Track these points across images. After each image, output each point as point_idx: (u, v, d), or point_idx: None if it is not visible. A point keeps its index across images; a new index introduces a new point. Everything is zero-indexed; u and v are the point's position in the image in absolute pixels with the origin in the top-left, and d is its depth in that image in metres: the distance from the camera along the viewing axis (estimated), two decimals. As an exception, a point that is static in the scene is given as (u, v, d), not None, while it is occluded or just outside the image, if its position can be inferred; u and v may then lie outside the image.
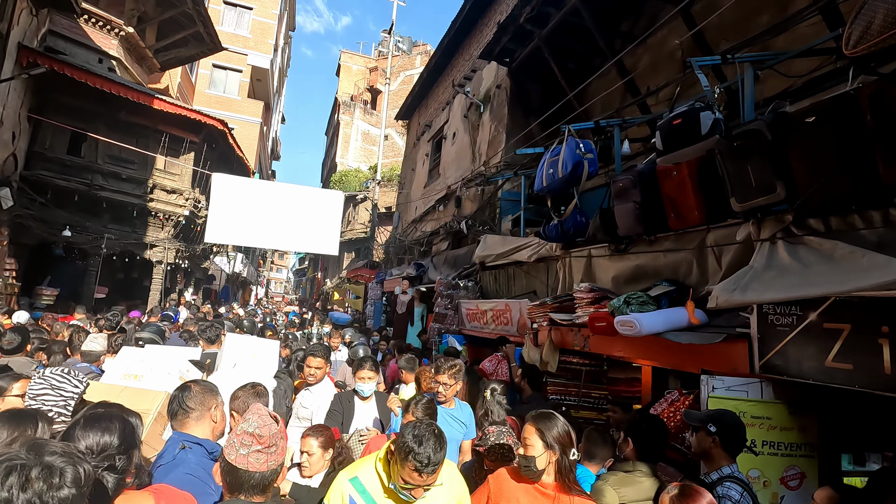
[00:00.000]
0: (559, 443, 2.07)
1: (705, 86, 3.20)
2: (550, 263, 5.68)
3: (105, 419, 1.59)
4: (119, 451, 1.52)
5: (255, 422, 1.63)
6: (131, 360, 2.91)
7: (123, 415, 1.75)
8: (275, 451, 1.61)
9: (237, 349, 3.69)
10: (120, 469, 1.51)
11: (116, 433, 1.56)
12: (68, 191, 10.33)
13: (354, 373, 3.65)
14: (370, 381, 3.66)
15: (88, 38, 11.81)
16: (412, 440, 1.83)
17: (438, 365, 3.27)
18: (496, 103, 8.52)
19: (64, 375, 2.23)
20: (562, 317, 4.46)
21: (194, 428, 2.06)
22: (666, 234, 3.90)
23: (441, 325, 7.36)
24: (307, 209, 7.84)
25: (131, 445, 1.59)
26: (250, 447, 1.57)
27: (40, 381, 2.18)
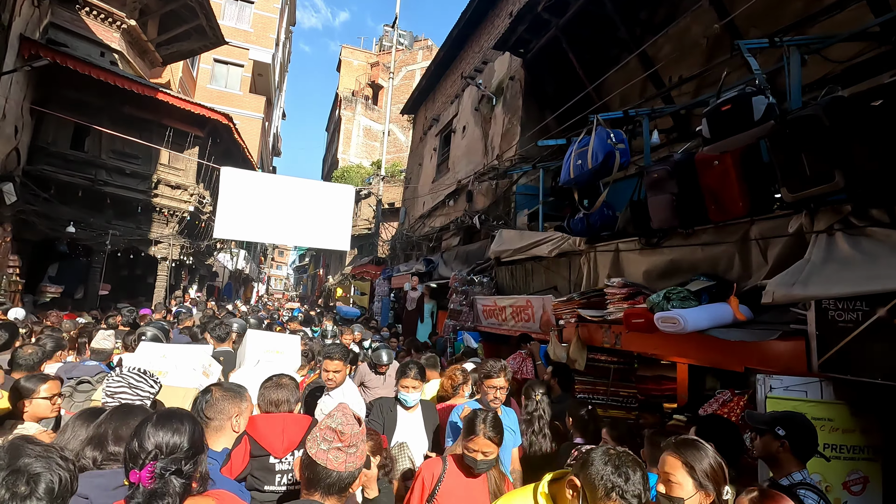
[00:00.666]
0: (713, 480, 1.68)
1: (756, 69, 3.05)
2: (573, 258, 5.52)
3: (176, 419, 1.50)
4: (187, 455, 1.42)
5: (339, 418, 1.56)
6: (153, 356, 2.78)
7: (194, 416, 1.65)
8: (354, 452, 1.53)
9: (260, 346, 3.56)
10: (186, 474, 1.40)
11: (186, 435, 1.47)
12: (72, 186, 10.15)
13: (398, 380, 3.33)
14: (415, 390, 3.28)
15: (90, 30, 11.61)
16: (614, 474, 1.44)
17: (489, 368, 3.00)
18: (509, 95, 8.34)
19: (141, 375, 2.17)
20: (591, 313, 4.31)
21: (212, 440, 1.90)
22: (704, 227, 3.75)
23: (456, 321, 7.21)
24: (318, 204, 7.67)
25: (199, 450, 1.49)
26: (331, 443, 1.49)
27: (118, 380, 2.13)
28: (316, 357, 5.20)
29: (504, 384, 2.97)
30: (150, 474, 1.32)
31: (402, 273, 11.65)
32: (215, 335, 4.18)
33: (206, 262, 15.83)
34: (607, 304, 4.15)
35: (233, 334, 4.41)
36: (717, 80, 5.69)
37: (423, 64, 31.67)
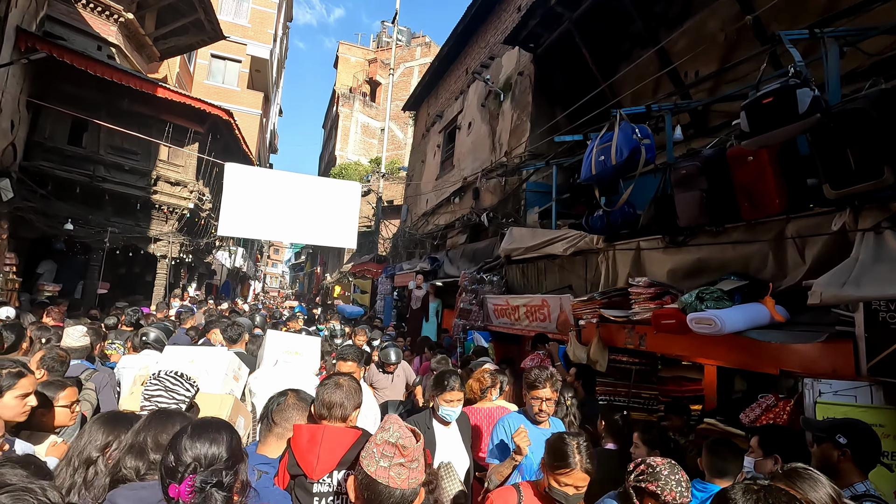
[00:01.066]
0: None
1: (798, 60, 2.93)
2: (590, 257, 5.41)
3: (213, 428, 1.41)
4: (227, 466, 1.33)
5: (396, 431, 1.45)
6: (181, 360, 2.62)
7: (231, 424, 1.54)
8: (417, 467, 1.42)
9: (279, 346, 3.42)
10: (227, 486, 1.31)
11: (224, 444, 1.38)
12: (70, 182, 9.94)
13: (435, 390, 2.98)
14: (458, 404, 2.94)
15: (87, 24, 11.37)
16: None
17: (535, 376, 2.72)
18: (518, 91, 8.22)
19: (177, 378, 2.09)
20: (615, 313, 4.20)
21: (272, 446, 1.79)
22: (735, 225, 3.64)
23: (466, 321, 7.09)
24: (323, 201, 7.51)
25: (238, 459, 1.39)
26: (392, 459, 1.38)
27: (155, 384, 2.04)
28: (325, 358, 5.07)
29: (551, 395, 2.71)
30: (191, 489, 1.23)
31: (406, 271, 11.52)
32: (227, 336, 4.03)
33: (206, 260, 15.63)
34: (632, 304, 4.03)
35: (245, 335, 4.26)
36: (736, 77, 5.61)
37: (421, 61, 31.46)
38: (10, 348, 3.45)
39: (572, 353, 4.67)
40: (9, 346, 3.45)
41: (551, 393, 2.71)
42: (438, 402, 2.93)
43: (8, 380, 2.07)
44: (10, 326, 3.60)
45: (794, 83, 2.80)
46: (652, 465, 1.88)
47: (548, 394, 2.70)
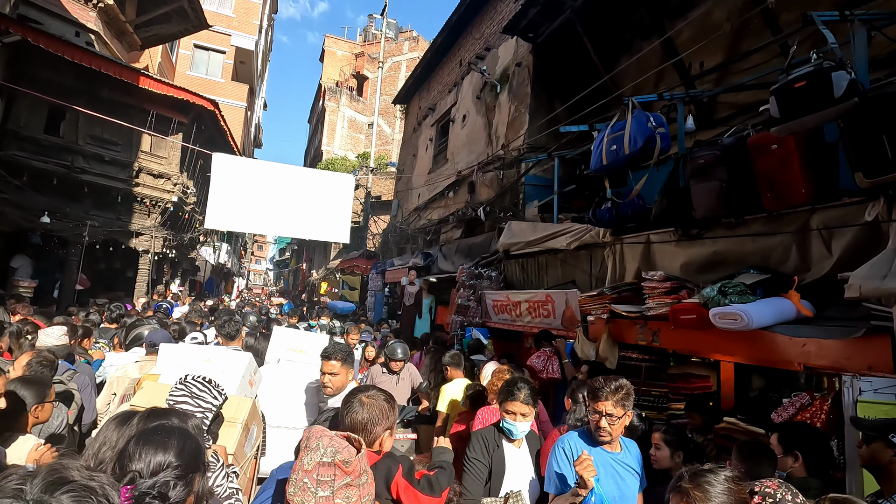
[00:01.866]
0: None
1: (832, 42, 2.80)
2: (595, 251, 5.26)
3: (164, 433, 1.28)
4: (176, 476, 1.19)
5: (328, 446, 1.24)
6: (196, 360, 2.43)
7: (186, 427, 1.40)
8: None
9: (283, 343, 3.22)
10: (174, 499, 1.17)
11: (174, 451, 1.23)
12: (46, 173, 9.49)
13: (502, 402, 2.64)
14: (526, 419, 2.58)
15: (64, 8, 10.88)
16: None
17: (597, 387, 2.30)
18: (516, 83, 8.04)
19: (205, 384, 1.95)
20: (627, 308, 4.05)
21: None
22: (755, 217, 3.51)
23: (463, 317, 6.90)
24: (316, 193, 7.24)
25: (193, 468, 1.24)
26: (333, 483, 1.17)
27: (181, 388, 1.91)
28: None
29: (613, 410, 2.25)
30: (128, 501, 1.08)
31: (398, 267, 11.30)
32: (224, 332, 3.79)
33: (189, 255, 15.19)
34: (645, 299, 3.89)
35: (243, 332, 4.02)
36: (742, 68, 5.51)
37: (409, 55, 31.16)
38: None
39: (580, 350, 4.52)
40: None
41: (613, 407, 2.24)
42: (503, 414, 2.59)
43: None
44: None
45: (829, 66, 2.66)
46: (768, 492, 1.57)
47: (609, 408, 2.24)
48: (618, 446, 2.37)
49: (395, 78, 30.31)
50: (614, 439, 2.32)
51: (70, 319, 5.25)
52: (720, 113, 5.53)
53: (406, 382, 4.79)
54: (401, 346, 4.68)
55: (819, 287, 3.10)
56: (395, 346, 4.66)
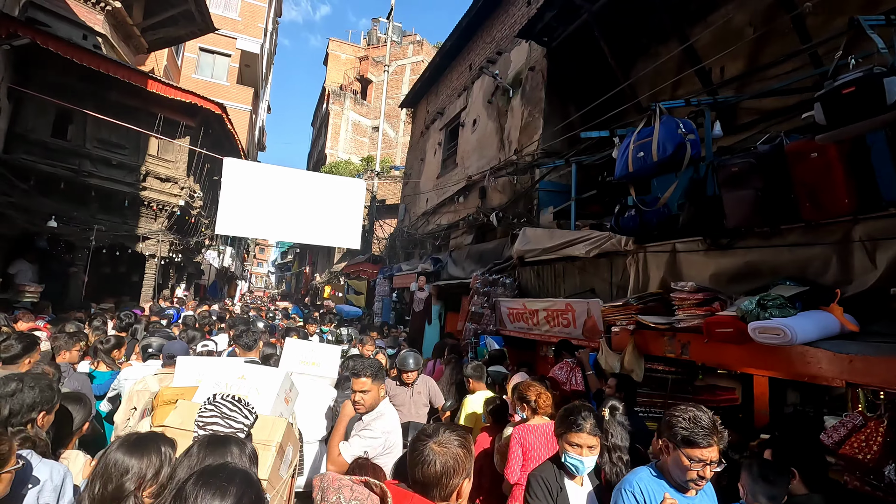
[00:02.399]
0: None
1: (882, 47, 2.70)
2: (616, 259, 5.15)
3: (224, 476, 1.19)
4: None
5: (350, 500, 1.18)
6: (229, 375, 2.31)
7: (249, 472, 1.30)
8: None
9: (295, 355, 3.12)
10: None
11: (233, 497, 1.15)
12: (53, 177, 9.40)
13: (563, 433, 2.38)
14: (593, 451, 2.34)
15: (72, 11, 10.83)
16: None
17: (699, 432, 1.93)
18: (529, 87, 7.95)
19: (235, 404, 1.88)
20: (656, 320, 3.94)
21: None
22: (791, 226, 3.41)
23: (477, 325, 6.80)
24: (326, 199, 7.15)
25: None
26: None
27: (210, 408, 1.83)
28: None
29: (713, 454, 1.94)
30: None
31: (406, 272, 11.20)
32: (242, 343, 3.67)
33: (195, 259, 15.10)
34: (675, 311, 3.78)
35: (260, 342, 3.91)
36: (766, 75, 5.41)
37: (413, 59, 31.17)
38: (11, 359, 3.06)
39: (604, 362, 4.41)
40: (10, 356, 3.06)
41: (718, 452, 1.95)
42: (564, 445, 2.33)
43: None
44: (21, 336, 3.20)
45: (880, 71, 2.56)
46: None
47: (715, 454, 1.93)
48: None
49: (398, 82, 30.31)
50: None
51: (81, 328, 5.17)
52: (742, 119, 5.43)
53: (422, 396, 4.46)
54: (412, 355, 4.34)
55: (862, 300, 2.99)
56: (406, 357, 4.31)
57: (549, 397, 3.12)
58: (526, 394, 3.09)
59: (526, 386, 3.15)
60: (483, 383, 4.34)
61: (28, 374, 2.13)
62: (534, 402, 3.05)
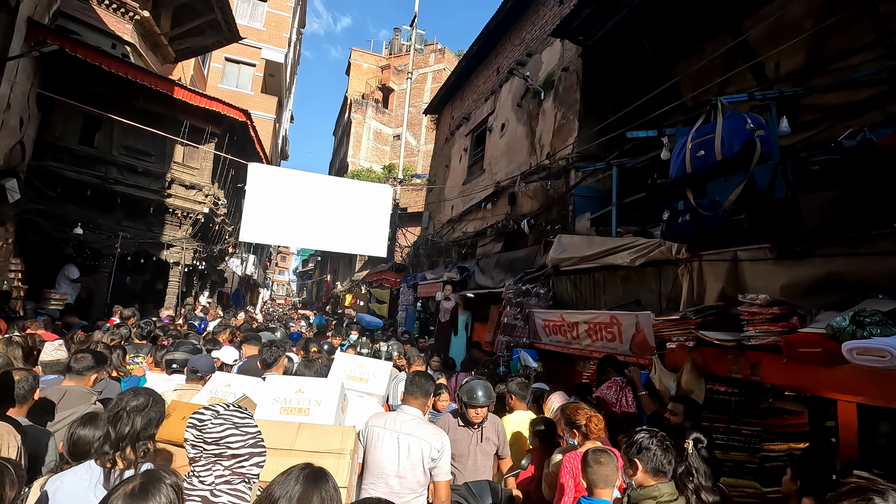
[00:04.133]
0: None
1: None
2: (665, 269, 4.77)
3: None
4: None
5: None
6: (286, 390, 2.38)
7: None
8: None
9: (343, 371, 2.91)
10: None
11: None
12: (80, 184, 9.40)
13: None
14: None
15: (101, 20, 10.94)
16: None
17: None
18: (562, 88, 7.63)
19: (243, 411, 1.76)
20: (720, 336, 3.55)
21: None
22: (883, 232, 3.00)
23: (510, 337, 6.45)
24: (353, 205, 6.90)
25: None
26: None
27: (221, 422, 1.67)
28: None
29: None
30: None
31: (430, 281, 10.91)
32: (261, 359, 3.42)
33: (218, 267, 15.08)
34: (743, 326, 3.39)
35: (283, 359, 3.64)
36: (828, 68, 4.99)
37: (435, 67, 31.17)
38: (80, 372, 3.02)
39: (658, 381, 4.03)
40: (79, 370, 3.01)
41: None
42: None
43: None
44: (94, 353, 3.21)
45: None
46: None
47: None
48: None
49: (420, 90, 30.30)
50: None
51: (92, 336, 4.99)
52: (803, 116, 5.00)
53: (490, 443, 3.40)
54: (482, 385, 3.29)
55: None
56: (474, 387, 3.27)
57: (601, 420, 2.78)
58: (575, 418, 2.76)
59: (574, 409, 2.80)
60: (524, 403, 3.99)
61: (148, 390, 2.14)
62: (584, 426, 2.71)
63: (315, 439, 2.06)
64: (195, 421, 1.63)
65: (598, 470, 2.35)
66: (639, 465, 2.14)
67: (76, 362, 3.03)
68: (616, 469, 2.39)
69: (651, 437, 2.19)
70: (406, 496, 2.54)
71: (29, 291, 8.26)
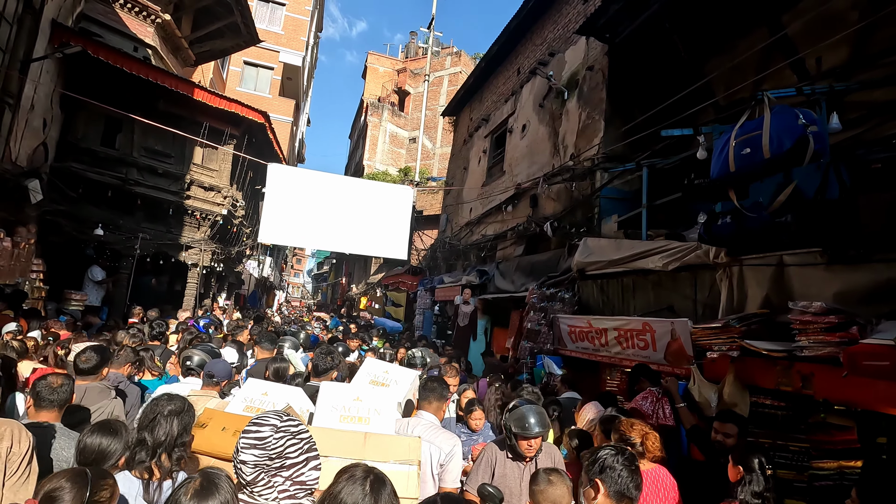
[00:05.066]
0: None
1: None
2: (701, 273, 4.54)
3: None
4: None
5: None
6: (344, 398, 2.38)
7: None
8: None
9: (368, 374, 2.82)
10: None
11: None
12: (101, 185, 9.44)
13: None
14: None
15: (123, 24, 11.04)
16: None
17: None
18: (587, 87, 7.43)
19: (295, 420, 1.67)
20: (768, 346, 3.32)
21: None
22: (953, 236, 2.77)
23: (534, 343, 6.25)
24: (373, 206, 6.78)
25: None
26: None
27: (281, 434, 1.54)
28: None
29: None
30: None
31: (448, 284, 10.74)
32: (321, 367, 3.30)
33: (236, 269, 15.10)
34: (796, 336, 3.16)
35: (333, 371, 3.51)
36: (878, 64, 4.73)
37: (451, 70, 31.10)
38: (91, 370, 3.05)
39: (697, 393, 3.81)
40: (90, 367, 3.04)
41: None
42: None
43: None
44: (95, 348, 3.23)
45: None
46: None
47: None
48: None
49: (436, 93, 30.25)
50: None
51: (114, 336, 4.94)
52: (849, 114, 4.74)
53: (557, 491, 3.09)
54: (535, 412, 2.75)
55: None
56: (525, 414, 2.71)
57: (657, 438, 2.57)
58: (629, 434, 2.54)
59: (628, 424, 2.60)
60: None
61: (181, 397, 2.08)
62: (640, 444, 2.50)
63: (383, 449, 2.05)
64: (254, 440, 1.51)
65: (547, 491, 2.09)
66: (600, 486, 1.83)
67: (83, 363, 3.02)
68: (568, 491, 2.13)
69: (616, 455, 1.89)
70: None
71: (50, 292, 8.29)
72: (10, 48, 7.08)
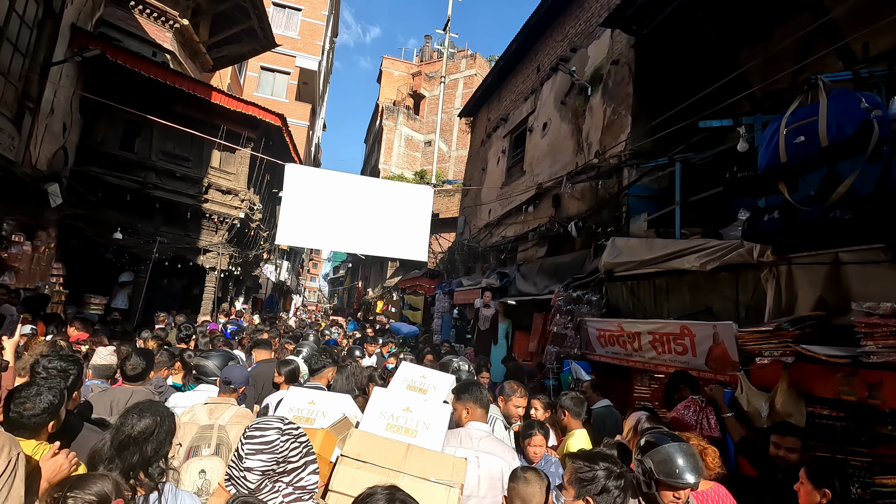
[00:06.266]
0: None
1: None
2: (743, 273, 4.26)
3: None
4: None
5: None
6: (394, 407, 2.27)
7: None
8: None
9: (404, 381, 2.65)
10: None
11: None
12: (120, 189, 9.46)
13: None
14: None
15: (142, 29, 11.11)
16: None
17: None
18: (612, 82, 7.17)
19: (290, 421, 1.65)
20: (829, 351, 3.04)
21: None
22: None
23: (560, 348, 6.00)
24: (392, 207, 6.61)
25: None
26: None
27: (286, 438, 1.54)
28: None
29: None
30: None
31: (467, 287, 10.52)
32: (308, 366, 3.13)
33: (253, 273, 15.09)
34: (861, 340, 2.88)
35: (328, 369, 3.33)
36: None
37: (466, 73, 30.99)
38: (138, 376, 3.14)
39: (745, 402, 3.53)
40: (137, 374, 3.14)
41: None
42: None
43: None
44: (142, 352, 3.30)
45: None
46: None
47: None
48: None
49: (451, 96, 30.15)
50: None
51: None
52: (901, 101, 4.42)
53: None
54: (686, 454, 2.04)
55: None
56: (672, 456, 2.02)
57: (717, 453, 2.32)
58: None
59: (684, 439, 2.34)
60: (580, 420, 3.56)
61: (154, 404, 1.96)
62: (698, 461, 2.24)
63: (424, 464, 1.93)
64: (260, 445, 1.48)
65: (518, 488, 1.99)
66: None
67: (131, 370, 3.11)
68: (543, 492, 2.00)
69: (610, 478, 1.75)
70: None
71: (69, 296, 8.28)
72: (30, 52, 7.09)
